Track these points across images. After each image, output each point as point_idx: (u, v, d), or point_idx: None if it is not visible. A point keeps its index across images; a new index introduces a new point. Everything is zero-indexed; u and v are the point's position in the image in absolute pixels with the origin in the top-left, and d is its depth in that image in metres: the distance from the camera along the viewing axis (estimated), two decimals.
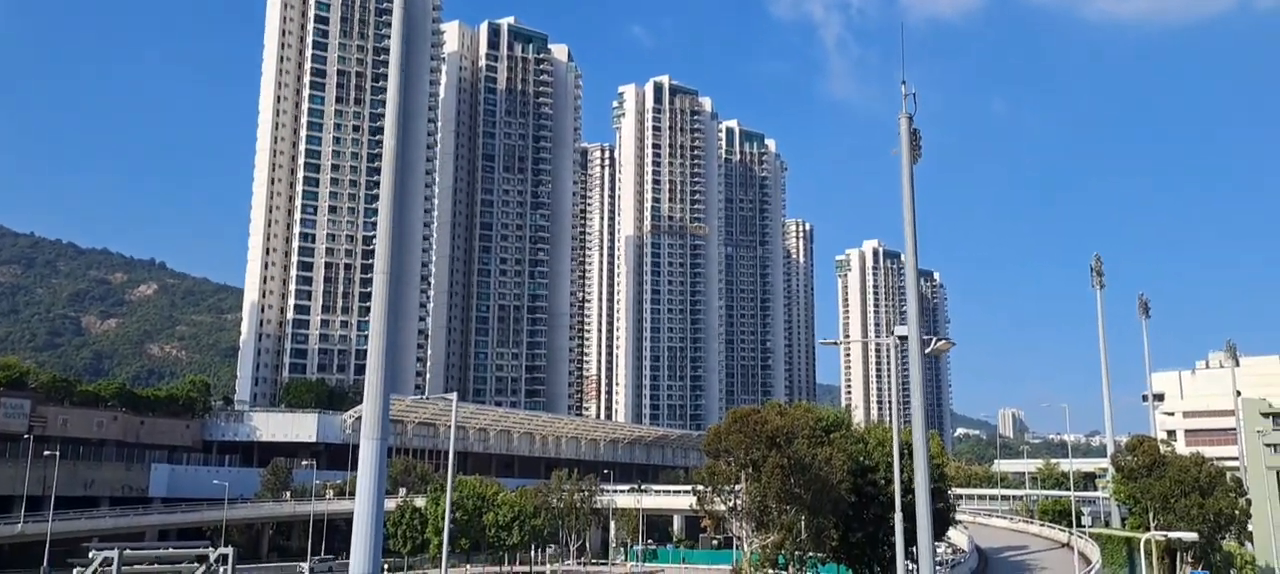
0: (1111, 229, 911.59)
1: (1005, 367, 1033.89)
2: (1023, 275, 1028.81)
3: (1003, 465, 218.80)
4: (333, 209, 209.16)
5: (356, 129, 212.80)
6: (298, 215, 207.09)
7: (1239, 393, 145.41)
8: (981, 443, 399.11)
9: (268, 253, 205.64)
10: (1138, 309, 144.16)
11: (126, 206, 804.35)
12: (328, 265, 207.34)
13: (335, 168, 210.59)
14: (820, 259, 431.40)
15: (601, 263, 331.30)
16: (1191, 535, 57.03)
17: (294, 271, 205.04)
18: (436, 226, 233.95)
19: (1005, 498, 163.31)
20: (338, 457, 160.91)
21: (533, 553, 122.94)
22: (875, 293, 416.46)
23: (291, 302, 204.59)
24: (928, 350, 36.40)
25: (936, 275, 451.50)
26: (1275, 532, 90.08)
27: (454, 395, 49.79)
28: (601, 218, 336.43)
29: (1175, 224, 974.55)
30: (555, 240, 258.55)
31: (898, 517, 22.60)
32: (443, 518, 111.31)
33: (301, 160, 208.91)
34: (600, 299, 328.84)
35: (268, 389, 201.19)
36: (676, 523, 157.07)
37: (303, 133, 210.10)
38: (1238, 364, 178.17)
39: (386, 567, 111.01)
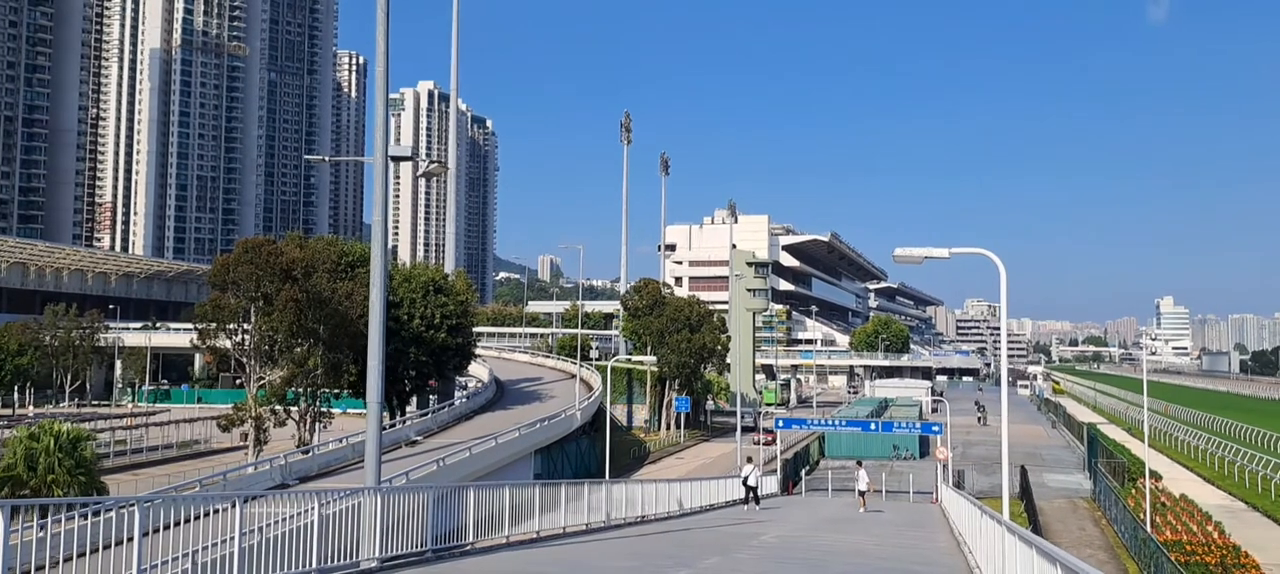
0: (646, 88, 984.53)
1: (550, 216, 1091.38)
2: (572, 129, 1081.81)
3: (535, 307, 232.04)
4: None
5: None
6: None
7: (734, 246, 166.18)
8: (521, 287, 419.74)
9: None
10: (659, 167, 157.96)
11: None
12: None
13: None
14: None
15: (121, 77, 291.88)
16: (650, 359, 64.05)
17: None
18: None
19: (531, 336, 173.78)
20: None
21: (16, 395, 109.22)
22: (428, 135, 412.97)
23: None
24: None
25: (489, 122, 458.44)
26: (743, 362, 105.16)
27: None
28: (122, 25, 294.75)
29: (700, 87, 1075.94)
30: (60, 44, 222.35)
31: (371, 343, 22.29)
32: None
33: None
34: (119, 118, 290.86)
35: None
36: (199, 362, 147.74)
37: None
38: (736, 220, 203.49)
39: None
